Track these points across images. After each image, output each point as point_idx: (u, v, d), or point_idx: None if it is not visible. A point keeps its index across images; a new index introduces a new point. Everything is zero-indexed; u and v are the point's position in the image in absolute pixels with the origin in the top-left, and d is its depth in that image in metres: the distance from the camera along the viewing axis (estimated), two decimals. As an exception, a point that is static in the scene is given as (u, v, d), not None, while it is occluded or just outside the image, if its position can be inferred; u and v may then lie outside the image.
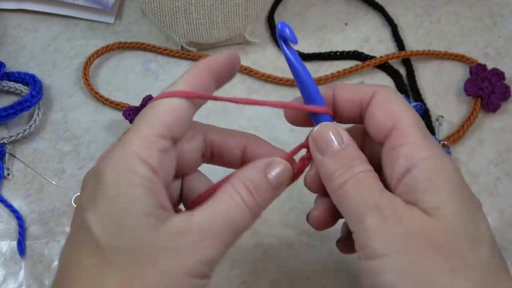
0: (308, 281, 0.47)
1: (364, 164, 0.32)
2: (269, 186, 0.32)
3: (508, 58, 0.59)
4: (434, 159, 0.31)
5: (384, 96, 0.34)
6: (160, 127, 0.30)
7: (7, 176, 0.51)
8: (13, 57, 0.58)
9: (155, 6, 0.55)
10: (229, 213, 0.30)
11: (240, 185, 0.31)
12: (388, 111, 0.33)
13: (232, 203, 0.31)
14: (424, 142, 0.31)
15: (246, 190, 0.31)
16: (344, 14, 0.62)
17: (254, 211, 0.31)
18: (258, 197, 0.31)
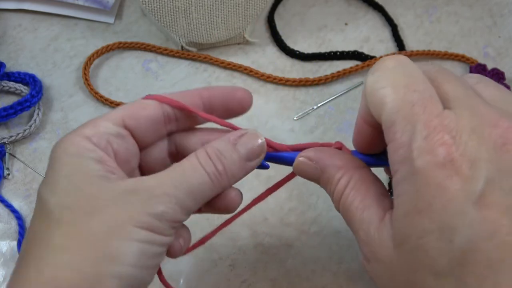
0: (308, 281, 0.47)
1: (342, 179, 0.31)
2: (235, 155, 0.32)
3: (508, 58, 0.59)
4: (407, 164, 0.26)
5: (370, 83, 0.29)
6: (113, 116, 0.32)
7: (7, 176, 0.51)
8: (13, 57, 0.58)
9: (155, 6, 0.55)
10: (183, 175, 0.30)
11: (200, 151, 0.32)
12: (373, 101, 0.29)
13: (188, 166, 0.31)
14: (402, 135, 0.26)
15: (205, 155, 0.31)
16: (344, 14, 0.62)
17: (216, 178, 0.31)
18: (221, 164, 0.31)
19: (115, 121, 0.32)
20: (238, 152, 0.32)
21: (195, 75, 0.58)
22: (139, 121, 0.33)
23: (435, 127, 0.25)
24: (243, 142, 0.32)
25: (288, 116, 0.55)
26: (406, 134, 0.26)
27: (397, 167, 0.27)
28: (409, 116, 0.26)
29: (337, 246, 0.48)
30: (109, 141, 0.32)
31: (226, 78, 0.57)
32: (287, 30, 0.61)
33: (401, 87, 0.27)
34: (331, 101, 0.56)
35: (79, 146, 0.31)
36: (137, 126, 0.33)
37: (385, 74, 0.28)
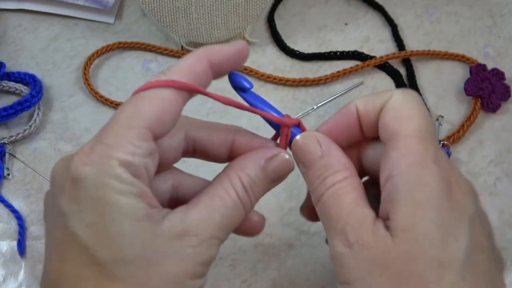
0: (308, 281, 0.47)
1: (340, 172, 0.32)
2: (265, 180, 0.32)
3: (508, 58, 0.59)
4: (421, 169, 0.29)
5: (398, 99, 0.32)
6: (143, 129, 0.28)
7: (7, 176, 0.51)
8: (13, 57, 0.58)
9: (155, 6, 0.55)
10: (226, 213, 0.30)
11: (236, 180, 0.31)
12: (394, 115, 0.31)
13: (229, 201, 0.30)
14: (418, 150, 0.30)
15: (242, 187, 0.31)
16: (344, 14, 0.62)
17: (248, 209, 0.31)
18: (253, 193, 0.31)
19: (145, 135, 0.28)
20: (267, 177, 0.32)
21: (195, 75, 0.58)
22: (166, 127, 0.29)
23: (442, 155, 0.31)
24: (274, 168, 0.32)
25: (288, 116, 0.55)
26: (420, 148, 0.30)
27: (404, 169, 0.29)
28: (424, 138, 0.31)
29: (337, 246, 0.48)
30: (146, 168, 0.28)
31: (226, 78, 0.57)
32: (287, 30, 0.61)
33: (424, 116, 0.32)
34: (331, 101, 0.56)
35: (117, 178, 0.27)
36: (164, 133, 0.29)
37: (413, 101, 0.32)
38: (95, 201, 0.27)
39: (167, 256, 0.28)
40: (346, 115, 0.34)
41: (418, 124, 0.31)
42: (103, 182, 0.27)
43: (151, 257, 0.27)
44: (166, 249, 0.28)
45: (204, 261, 0.29)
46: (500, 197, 0.51)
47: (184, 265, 0.28)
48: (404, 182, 0.29)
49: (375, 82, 0.58)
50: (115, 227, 0.27)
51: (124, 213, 0.27)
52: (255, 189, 0.31)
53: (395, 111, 0.31)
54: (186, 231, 0.28)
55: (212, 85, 0.32)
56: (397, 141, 0.30)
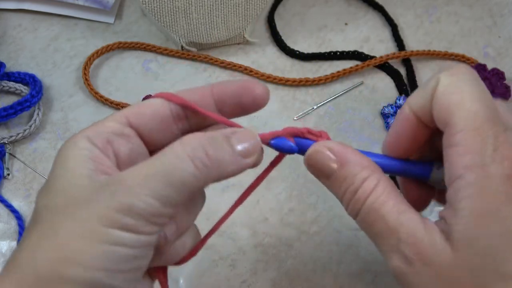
0: (308, 281, 0.47)
1: (368, 180, 0.30)
2: (227, 146, 0.29)
3: (508, 58, 0.59)
4: (480, 173, 0.27)
5: (444, 84, 0.29)
6: (117, 115, 0.31)
7: (7, 176, 0.51)
8: (13, 57, 0.58)
9: (155, 6, 0.55)
10: (163, 163, 0.28)
11: (189, 138, 0.28)
12: (443, 103, 0.29)
13: (169, 153, 0.28)
14: (475, 148, 0.27)
15: (196, 143, 0.28)
16: (344, 14, 0.62)
17: (204, 165, 0.28)
18: (213, 151, 0.28)
19: (118, 120, 0.31)
20: (230, 144, 0.29)
21: (195, 75, 0.58)
22: (144, 119, 0.32)
23: (503, 142, 0.27)
24: (236, 137, 0.29)
25: (288, 116, 0.55)
26: (477, 143, 0.27)
27: (462, 171, 0.27)
28: (479, 127, 0.28)
29: (337, 246, 0.48)
30: (109, 140, 0.31)
31: (226, 78, 0.57)
32: (287, 30, 0.61)
33: (476, 99, 0.28)
34: (331, 101, 0.56)
35: (76, 146, 0.30)
36: (142, 124, 0.32)
37: (463, 81, 0.29)
38: (55, 166, 0.30)
39: (84, 203, 0.28)
40: (405, 121, 0.32)
41: (469, 111, 0.28)
42: (65, 150, 0.30)
43: (70, 203, 0.28)
44: (87, 197, 0.28)
45: (121, 207, 0.27)
46: (500, 197, 0.51)
47: (96, 210, 0.27)
48: (463, 190, 0.27)
49: (375, 82, 0.58)
50: (56, 181, 0.29)
51: (67, 169, 0.29)
52: (216, 150, 0.28)
53: (443, 100, 0.29)
54: (111, 181, 0.28)
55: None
56: (452, 137, 0.28)
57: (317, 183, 0.33)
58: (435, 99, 0.29)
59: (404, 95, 0.55)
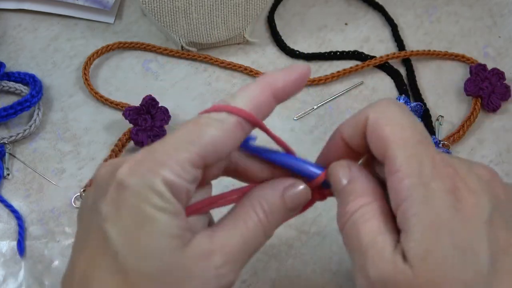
0: (308, 281, 0.47)
1: (361, 198, 0.31)
2: (283, 207, 0.32)
3: (508, 58, 0.59)
4: (422, 191, 0.28)
5: (375, 117, 0.31)
6: (195, 155, 0.28)
7: (7, 176, 0.51)
8: (13, 57, 0.58)
9: (155, 6, 0.55)
10: (248, 236, 0.30)
11: (257, 206, 0.31)
12: (378, 136, 0.30)
13: (251, 224, 0.31)
14: (412, 170, 0.28)
15: (263, 212, 0.31)
16: (344, 14, 0.62)
17: (268, 234, 0.32)
18: (273, 219, 0.32)
19: (196, 162, 0.28)
20: (285, 205, 0.32)
21: (195, 75, 0.58)
22: (220, 157, 0.29)
23: (439, 161, 0.29)
24: (291, 195, 0.32)
25: (288, 116, 0.55)
26: (414, 166, 0.29)
27: (405, 193, 0.28)
28: (414, 151, 0.29)
29: (337, 246, 0.48)
30: (187, 193, 0.29)
31: (226, 78, 0.57)
32: (287, 30, 0.61)
33: (406, 126, 0.30)
34: (331, 101, 0.56)
35: (159, 194, 0.27)
36: (216, 162, 0.30)
37: (390, 113, 0.31)
38: (134, 210, 0.27)
39: (191, 276, 0.28)
40: (335, 145, 0.34)
41: (402, 137, 0.29)
42: (146, 195, 0.27)
43: (176, 275, 0.27)
44: (191, 268, 0.28)
45: (225, 285, 0.29)
46: (500, 197, 0.51)
47: (206, 286, 0.28)
48: (409, 209, 0.28)
49: (375, 82, 0.58)
50: (148, 240, 0.27)
51: (158, 228, 0.27)
52: (274, 216, 0.32)
53: (375, 131, 0.30)
54: (212, 251, 0.29)
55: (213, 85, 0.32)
56: (389, 164, 0.29)
57: (317, 183, 0.33)
58: (369, 134, 0.31)
59: (404, 95, 0.55)
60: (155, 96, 0.53)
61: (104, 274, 0.28)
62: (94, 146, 0.53)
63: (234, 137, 0.29)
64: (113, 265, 0.27)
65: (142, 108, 0.52)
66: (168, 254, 0.27)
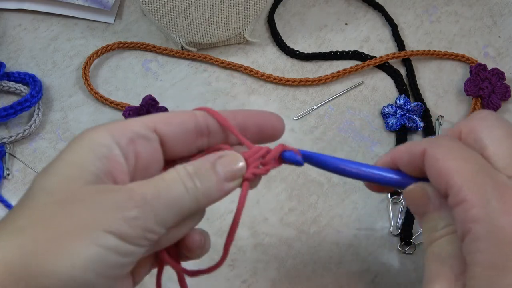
0: (308, 281, 0.47)
1: (440, 231, 0.31)
2: (213, 174, 0.31)
3: (508, 58, 0.59)
4: (485, 222, 0.28)
5: (432, 153, 0.31)
6: (145, 118, 0.32)
7: (7, 176, 0.51)
8: (13, 57, 0.58)
9: (155, 6, 0.55)
10: (164, 186, 0.29)
11: (180, 167, 0.31)
12: (437, 170, 0.31)
13: (168, 178, 0.30)
14: (476, 198, 0.28)
15: (186, 173, 0.30)
16: (344, 14, 0.62)
17: (194, 193, 0.30)
18: (200, 183, 0.30)
19: (145, 123, 0.32)
20: (216, 172, 0.31)
21: (195, 75, 0.58)
22: (170, 128, 0.32)
23: (505, 192, 0.29)
24: (222, 163, 0.32)
25: (288, 116, 0.55)
26: (479, 196, 0.28)
27: (471, 225, 0.28)
28: (478, 183, 0.29)
29: (337, 246, 0.48)
30: (132, 140, 0.31)
31: (226, 78, 0.57)
32: (287, 30, 0.61)
33: (467, 159, 0.30)
34: (331, 101, 0.56)
35: (96, 138, 0.30)
36: (167, 133, 0.32)
37: (449, 149, 0.31)
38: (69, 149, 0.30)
39: (87, 203, 0.28)
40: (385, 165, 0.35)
41: (466, 170, 0.30)
42: (83, 139, 0.30)
43: (73, 198, 0.28)
44: (91, 197, 0.28)
45: (127, 217, 0.28)
46: (500, 197, 0.51)
47: (100, 213, 0.27)
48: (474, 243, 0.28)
49: (375, 82, 0.58)
50: (63, 167, 0.29)
51: (78, 160, 0.29)
52: (203, 180, 0.31)
53: (435, 167, 0.31)
54: (116, 188, 0.29)
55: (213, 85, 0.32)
56: (455, 196, 0.29)
57: (317, 183, 0.33)
58: (427, 169, 0.32)
59: (404, 95, 0.55)
60: (155, 96, 0.53)
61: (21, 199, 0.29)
62: (94, 146, 0.53)
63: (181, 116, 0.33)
64: (29, 187, 0.29)
65: (142, 108, 0.52)
66: (74, 181, 0.28)
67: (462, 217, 0.29)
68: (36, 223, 0.27)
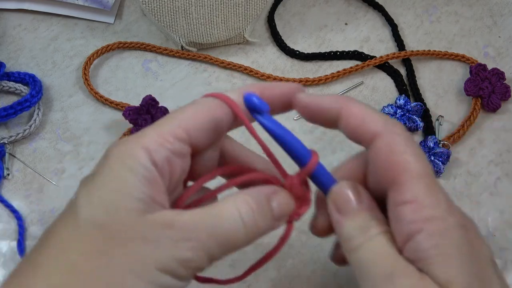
0: (308, 281, 0.47)
1: (381, 226, 0.30)
2: (269, 212, 0.30)
3: (508, 58, 0.59)
4: (438, 220, 0.28)
5: (388, 140, 0.30)
6: (178, 128, 0.30)
7: (7, 176, 0.51)
8: (13, 57, 0.58)
9: (155, 6, 0.55)
10: (221, 223, 0.29)
11: (241, 200, 0.30)
12: (389, 160, 0.30)
13: (228, 213, 0.29)
14: (428, 198, 0.29)
15: (247, 207, 0.29)
16: (344, 14, 0.62)
17: (250, 232, 0.30)
18: (258, 218, 0.30)
19: (180, 135, 0.30)
20: (271, 210, 0.31)
21: (195, 75, 0.58)
22: (203, 133, 0.30)
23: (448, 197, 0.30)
24: (278, 202, 0.31)
25: (288, 116, 0.55)
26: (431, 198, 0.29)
27: (422, 225, 0.28)
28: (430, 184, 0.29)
29: (337, 246, 0.48)
30: (169, 161, 0.29)
31: (226, 78, 0.57)
32: (287, 30, 0.61)
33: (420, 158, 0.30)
34: (331, 101, 0.56)
35: (136, 159, 0.28)
36: (201, 139, 0.30)
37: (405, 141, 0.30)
38: (107, 170, 0.28)
39: (144, 240, 0.27)
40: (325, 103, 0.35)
41: (417, 168, 0.29)
42: (122, 159, 0.28)
43: (128, 233, 0.27)
44: (146, 233, 0.27)
45: (181, 259, 0.27)
46: (500, 197, 0.51)
47: (157, 254, 0.27)
48: (428, 240, 0.28)
49: (375, 82, 0.58)
50: (109, 196, 0.28)
51: (121, 186, 0.28)
52: (261, 216, 0.30)
53: (387, 156, 0.30)
54: (173, 223, 0.28)
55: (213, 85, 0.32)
56: (402, 195, 0.29)
57: (317, 183, 0.33)
58: (377, 153, 0.30)
59: (404, 95, 0.55)
60: (155, 96, 0.53)
61: (61, 224, 0.28)
62: (94, 146, 0.53)
63: (212, 115, 0.31)
64: (71, 218, 0.28)
65: (142, 108, 0.52)
66: (123, 212, 0.27)
67: (411, 216, 0.28)
68: (89, 260, 0.27)
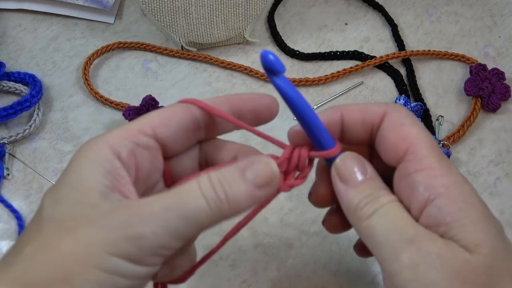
0: (308, 281, 0.47)
1: (391, 195, 0.31)
2: (242, 182, 0.29)
3: (508, 58, 0.59)
4: (456, 187, 0.29)
5: (396, 117, 0.32)
6: (143, 124, 0.31)
7: (7, 176, 0.51)
8: (13, 57, 0.58)
9: (155, 6, 0.55)
10: (178, 196, 0.28)
11: (203, 175, 0.28)
12: (400, 133, 0.31)
13: (185, 189, 0.28)
14: (442, 168, 0.30)
15: (207, 180, 0.28)
16: (344, 14, 0.62)
17: (216, 205, 0.28)
18: (223, 190, 0.28)
19: (144, 131, 0.30)
20: (245, 179, 0.29)
21: (195, 75, 0.58)
22: (170, 130, 0.31)
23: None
24: (253, 169, 0.29)
25: (288, 116, 0.55)
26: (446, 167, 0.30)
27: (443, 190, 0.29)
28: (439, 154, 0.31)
29: (337, 246, 0.48)
30: (133, 152, 0.29)
31: (226, 78, 0.57)
32: (287, 30, 0.61)
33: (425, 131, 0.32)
34: (331, 101, 0.56)
35: (97, 154, 0.28)
36: (167, 136, 0.31)
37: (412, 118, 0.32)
38: (70, 167, 0.29)
39: (92, 223, 0.26)
40: (329, 120, 0.33)
41: (427, 140, 0.31)
42: (84, 155, 0.29)
43: (78, 221, 0.27)
44: (96, 217, 0.27)
45: (132, 236, 0.26)
46: (500, 197, 0.51)
47: (104, 234, 0.26)
48: (450, 204, 0.29)
49: (375, 82, 0.58)
50: (68, 189, 0.28)
51: (82, 179, 0.28)
52: (228, 187, 0.28)
53: (398, 130, 0.31)
54: (124, 205, 0.27)
55: (213, 85, 0.32)
56: (418, 163, 0.30)
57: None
58: (386, 130, 0.32)
59: (404, 95, 0.55)
60: (155, 96, 0.53)
61: (29, 224, 0.29)
62: (94, 146, 0.53)
63: (179, 115, 0.31)
64: (36, 216, 0.28)
65: (142, 108, 0.52)
66: (81, 204, 0.27)
67: (428, 182, 0.29)
68: (43, 251, 0.26)
